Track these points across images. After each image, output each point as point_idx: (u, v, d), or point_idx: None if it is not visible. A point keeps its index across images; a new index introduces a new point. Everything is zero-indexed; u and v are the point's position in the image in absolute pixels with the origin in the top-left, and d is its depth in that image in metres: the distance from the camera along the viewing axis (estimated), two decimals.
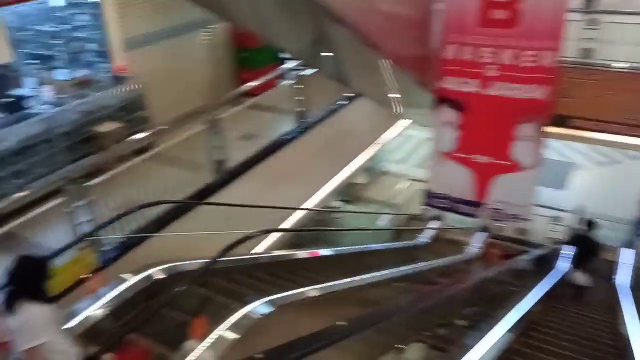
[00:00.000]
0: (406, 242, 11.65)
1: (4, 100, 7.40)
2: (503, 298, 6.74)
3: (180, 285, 4.03)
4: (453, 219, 11.51)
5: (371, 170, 14.68)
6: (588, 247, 8.45)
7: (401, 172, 14.83)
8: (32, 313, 3.04)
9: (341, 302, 5.57)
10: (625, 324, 6.01)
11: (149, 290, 4.50)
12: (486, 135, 6.28)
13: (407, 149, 15.98)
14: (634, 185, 13.65)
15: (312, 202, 8.28)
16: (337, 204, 12.85)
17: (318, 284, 5.40)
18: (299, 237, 11.91)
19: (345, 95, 8.47)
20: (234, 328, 3.85)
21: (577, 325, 6.84)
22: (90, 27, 8.07)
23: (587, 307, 7.90)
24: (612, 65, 9.28)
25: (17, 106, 7.18)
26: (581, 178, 14.81)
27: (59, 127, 6.88)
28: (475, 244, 11.78)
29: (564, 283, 8.56)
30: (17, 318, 3.04)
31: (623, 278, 8.46)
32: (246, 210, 6.33)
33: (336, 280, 5.91)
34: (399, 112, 9.19)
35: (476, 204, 6.79)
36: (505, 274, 8.32)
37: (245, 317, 3.98)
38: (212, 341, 3.64)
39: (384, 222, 12.47)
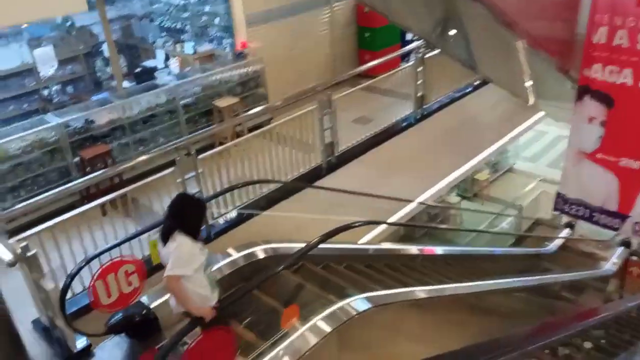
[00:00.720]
0: (530, 249, 10.65)
1: (135, 70, 7.90)
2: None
3: (274, 269, 3.88)
4: (588, 229, 10.26)
5: (496, 165, 13.64)
6: None
7: (530, 171, 13.57)
8: (183, 244, 3.12)
9: (452, 306, 5.13)
10: None
11: (245, 270, 4.45)
12: (636, 134, 5.33)
13: (539, 145, 14.60)
14: None
15: (426, 196, 7.77)
16: (454, 199, 12.12)
17: (427, 285, 5.03)
18: (410, 231, 11.53)
19: (471, 80, 7.76)
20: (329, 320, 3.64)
21: None
22: (217, 1, 8.26)
23: None
24: None
25: (146, 76, 7.60)
26: None
27: (181, 98, 7.11)
28: (613, 260, 10.42)
29: None
30: (168, 246, 3.16)
31: None
32: (354, 198, 6.08)
33: (447, 282, 5.48)
34: (532, 102, 8.27)
35: (619, 216, 5.85)
36: None
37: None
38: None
39: (506, 224, 11.51)
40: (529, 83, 6.50)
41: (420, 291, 4.82)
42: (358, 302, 3.98)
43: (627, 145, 5.48)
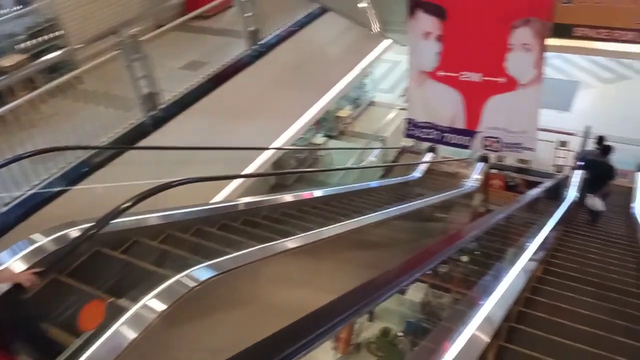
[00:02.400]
0: (399, 178, 10.68)
1: None
2: (508, 231, 6.03)
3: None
4: (447, 150, 10.46)
5: (357, 101, 13.50)
6: (602, 171, 7.84)
7: (390, 102, 13.61)
8: None
9: (338, 246, 4.73)
10: None
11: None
12: (475, 46, 5.14)
13: (395, 75, 14.67)
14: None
15: (283, 139, 7.21)
16: (320, 139, 11.79)
17: (307, 231, 4.52)
18: (281, 179, 11.06)
19: (309, 9, 7.16)
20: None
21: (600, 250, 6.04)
22: None
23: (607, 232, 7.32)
24: None
25: None
26: (587, 97, 13.60)
27: None
28: (475, 176, 10.82)
29: (580, 209, 8.12)
30: None
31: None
32: (198, 152, 5.33)
33: (326, 225, 5.06)
34: (376, 30, 7.93)
35: (468, 133, 5.75)
36: (510, 207, 7.41)
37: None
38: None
39: (373, 157, 11.45)
40: (362, 5, 6.03)
41: (293, 240, 4.28)
42: (201, 272, 3.34)
43: (465, 58, 5.29)
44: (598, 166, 7.99)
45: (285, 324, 1.83)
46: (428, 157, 11.48)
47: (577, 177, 9.54)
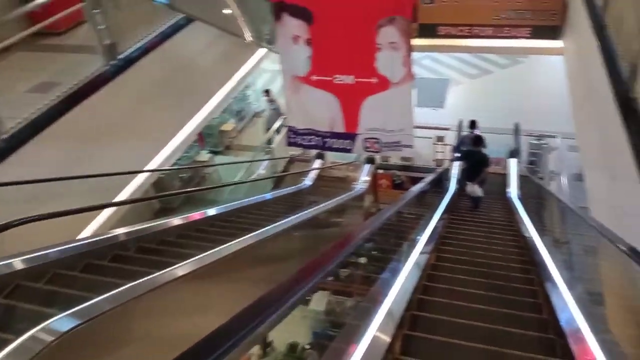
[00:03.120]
0: (291, 188, 10.49)
1: None
2: (399, 227, 6.23)
3: None
4: (336, 155, 10.46)
5: (241, 113, 13.17)
6: (477, 160, 8.41)
7: None
8: None
9: (234, 265, 4.39)
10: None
11: None
12: (345, 48, 5.07)
13: (278, 84, 14.55)
14: (507, 93, 13.59)
15: (158, 160, 6.68)
16: (205, 156, 11.29)
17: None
18: (165, 202, 10.39)
19: (172, 19, 6.72)
20: None
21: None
22: None
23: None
24: None
25: None
26: (457, 93, 14.45)
27: None
28: (363, 178, 10.96)
29: (462, 197, 8.76)
30: None
31: (513, 189, 8.87)
32: (52, 185, 4.66)
33: (217, 246, 4.65)
34: (250, 39, 7.68)
35: (349, 136, 5.68)
36: (398, 203, 7.56)
37: None
38: None
39: (262, 169, 11.16)
40: (228, 11, 5.75)
41: (181, 267, 3.83)
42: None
43: (337, 61, 5.20)
44: (473, 155, 8.51)
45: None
46: (317, 163, 11.46)
47: (456, 169, 10.05)
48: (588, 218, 4.46)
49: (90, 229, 5.62)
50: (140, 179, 6.32)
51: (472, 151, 8.74)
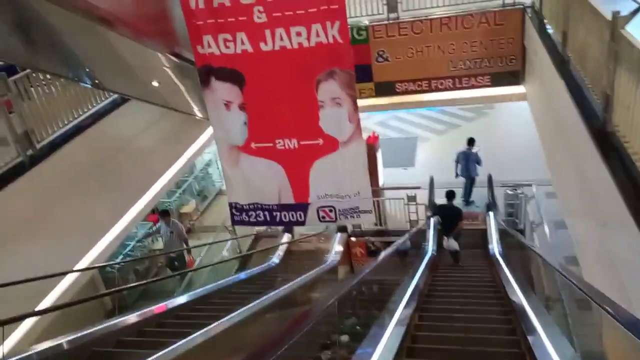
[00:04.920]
0: (257, 268, 9.70)
1: None
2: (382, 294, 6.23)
3: None
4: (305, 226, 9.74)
5: (203, 192, 12.48)
6: (451, 215, 8.73)
7: None
8: None
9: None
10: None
11: None
12: (284, 110, 4.48)
13: None
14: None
15: (93, 254, 5.87)
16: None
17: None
18: (120, 300, 9.39)
19: (108, 98, 6.16)
20: None
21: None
22: None
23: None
24: (424, 12, 8.23)
25: None
26: (426, 150, 14.09)
27: None
28: (335, 248, 10.23)
29: (441, 256, 8.77)
30: None
31: (494, 245, 8.57)
32: None
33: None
34: (201, 115, 7.12)
35: (300, 207, 4.98)
36: (376, 271, 7.12)
37: None
38: None
39: (225, 251, 10.34)
40: (154, 85, 5.19)
41: None
42: None
43: (277, 124, 4.59)
44: (447, 210, 8.78)
45: None
46: (285, 238, 10.71)
47: (432, 230, 9.42)
48: (567, 274, 3.94)
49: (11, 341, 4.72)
50: (68, 280, 5.48)
51: (445, 206, 8.86)
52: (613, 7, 3.68)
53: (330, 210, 4.92)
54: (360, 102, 9.14)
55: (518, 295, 5.00)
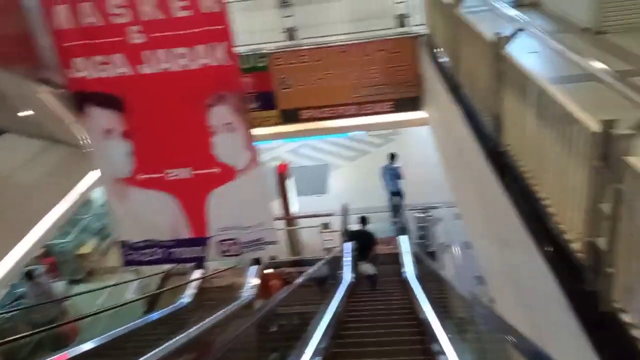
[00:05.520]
0: (166, 310, 9.02)
1: None
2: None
3: None
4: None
5: (104, 231, 11.59)
6: (365, 239, 8.89)
7: None
8: None
9: None
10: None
11: None
12: (173, 137, 4.16)
13: None
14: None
15: None
16: (60, 288, 9.49)
17: None
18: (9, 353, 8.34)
19: None
20: None
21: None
22: None
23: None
24: (323, 40, 8.26)
25: None
26: (338, 177, 14.13)
27: None
28: (251, 282, 9.79)
29: (358, 279, 8.72)
30: None
31: (409, 268, 8.56)
32: None
33: None
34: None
35: (199, 241, 4.62)
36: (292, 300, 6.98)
37: None
38: None
39: (131, 293, 9.57)
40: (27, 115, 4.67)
41: None
42: None
43: (166, 153, 4.25)
44: (361, 235, 8.95)
45: None
46: (196, 274, 10.12)
47: (348, 256, 9.31)
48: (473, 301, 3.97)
49: None
50: None
51: (359, 231, 9.01)
52: (495, 30, 3.77)
53: (233, 244, 4.61)
54: (266, 130, 9.07)
55: (431, 320, 5.01)
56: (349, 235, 9.54)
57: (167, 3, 3.55)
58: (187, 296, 9.42)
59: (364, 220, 9.12)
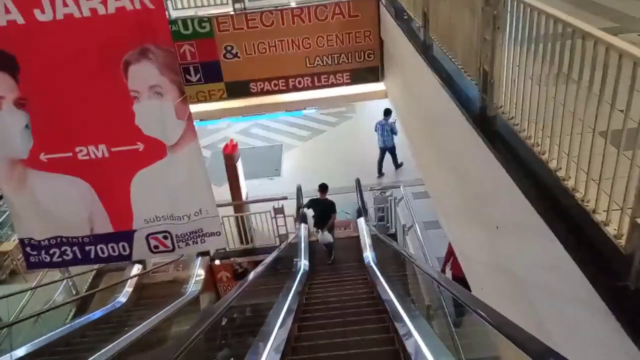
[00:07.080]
0: (98, 312, 8.06)
1: None
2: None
3: None
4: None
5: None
6: (324, 208, 8.62)
7: None
8: None
9: None
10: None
11: None
12: (84, 105, 3.22)
13: None
14: (343, 150, 12.91)
15: None
16: None
17: None
18: None
19: None
20: None
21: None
22: None
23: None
24: (274, 2, 7.38)
25: None
26: (293, 158, 13.35)
27: None
28: (197, 276, 8.93)
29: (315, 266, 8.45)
30: None
31: (368, 252, 8.18)
32: None
33: None
34: None
35: (123, 236, 3.72)
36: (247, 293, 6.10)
37: None
38: None
39: (59, 295, 8.48)
40: None
41: None
42: None
43: (75, 126, 3.31)
44: (320, 204, 8.60)
45: None
46: (135, 270, 9.14)
47: (304, 243, 8.63)
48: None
49: None
50: None
51: (318, 200, 8.65)
52: None
53: (165, 237, 3.73)
54: (211, 106, 8.08)
55: (392, 302, 4.81)
56: (307, 204, 9.01)
57: None
58: (123, 295, 8.46)
59: (323, 188, 8.60)
